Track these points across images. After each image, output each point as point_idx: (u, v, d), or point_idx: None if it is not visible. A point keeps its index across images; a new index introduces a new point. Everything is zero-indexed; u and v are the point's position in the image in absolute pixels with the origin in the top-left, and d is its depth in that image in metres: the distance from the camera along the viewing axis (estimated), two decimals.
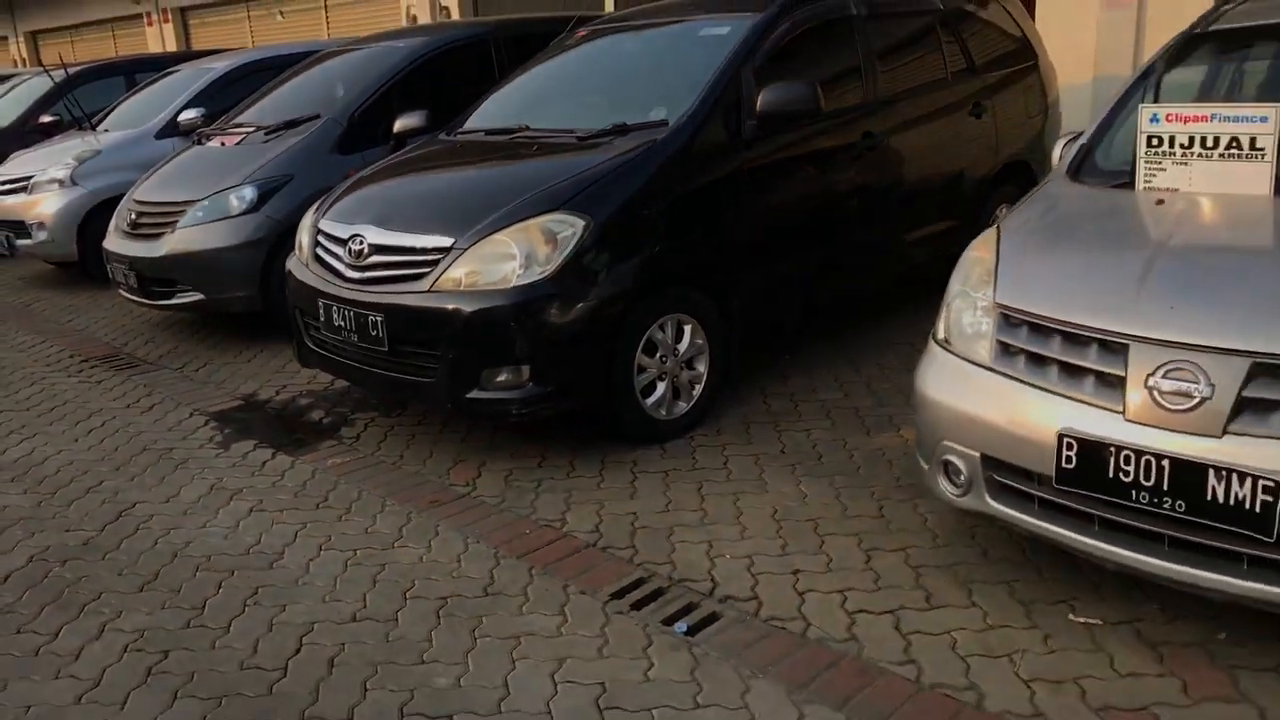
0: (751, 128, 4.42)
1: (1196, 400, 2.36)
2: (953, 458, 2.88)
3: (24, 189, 7.99)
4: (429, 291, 3.91)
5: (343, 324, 4.20)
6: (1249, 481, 2.26)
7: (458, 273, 3.88)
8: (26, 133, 9.68)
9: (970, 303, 2.97)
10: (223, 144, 6.62)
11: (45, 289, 8.22)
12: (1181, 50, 3.74)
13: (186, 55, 11.16)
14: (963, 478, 2.87)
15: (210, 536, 3.69)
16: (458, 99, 5.72)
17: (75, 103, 8.86)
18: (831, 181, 4.86)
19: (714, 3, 5.22)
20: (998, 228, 3.21)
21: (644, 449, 4.16)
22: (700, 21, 4.97)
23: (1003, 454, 2.73)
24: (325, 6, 15.52)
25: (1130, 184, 3.21)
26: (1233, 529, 2.31)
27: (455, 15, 12.81)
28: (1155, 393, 2.42)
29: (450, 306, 3.85)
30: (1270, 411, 2.30)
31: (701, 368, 4.35)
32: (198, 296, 6.00)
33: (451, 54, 6.72)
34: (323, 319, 4.31)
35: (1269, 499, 2.24)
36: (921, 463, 3.09)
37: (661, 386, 4.20)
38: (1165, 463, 2.38)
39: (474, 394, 3.88)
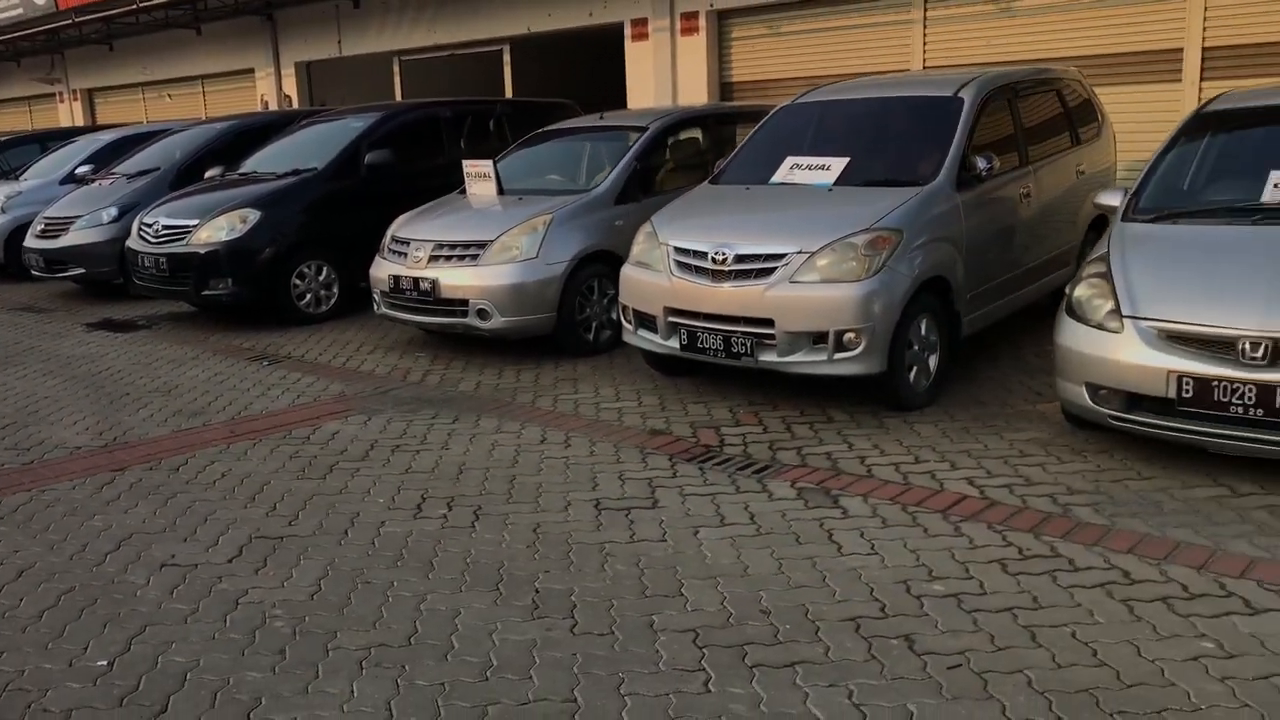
0: (365, 171, 8.92)
1: (423, 258, 6.87)
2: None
3: None
4: (186, 244, 8.32)
5: (149, 266, 8.57)
6: (429, 282, 6.77)
7: (200, 236, 8.29)
8: None
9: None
10: (100, 184, 10.92)
11: None
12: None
13: (85, 129, 15.45)
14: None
15: (85, 349, 7.98)
16: (245, 157, 10.09)
17: (6, 160, 13.08)
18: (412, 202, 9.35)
19: (366, 108, 9.79)
20: None
21: (298, 327, 8.54)
22: (352, 117, 9.53)
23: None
24: (203, 91, 19.85)
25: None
26: (427, 299, 6.80)
27: (296, 103, 17.26)
28: (423, 260, 6.92)
29: (195, 251, 8.25)
30: (436, 261, 6.80)
31: (335, 289, 8.78)
32: (81, 271, 10.25)
33: (245, 132, 11.11)
34: (140, 265, 8.67)
35: (429, 287, 6.74)
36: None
37: (309, 295, 8.62)
38: (414, 280, 6.86)
39: (206, 292, 8.29)
